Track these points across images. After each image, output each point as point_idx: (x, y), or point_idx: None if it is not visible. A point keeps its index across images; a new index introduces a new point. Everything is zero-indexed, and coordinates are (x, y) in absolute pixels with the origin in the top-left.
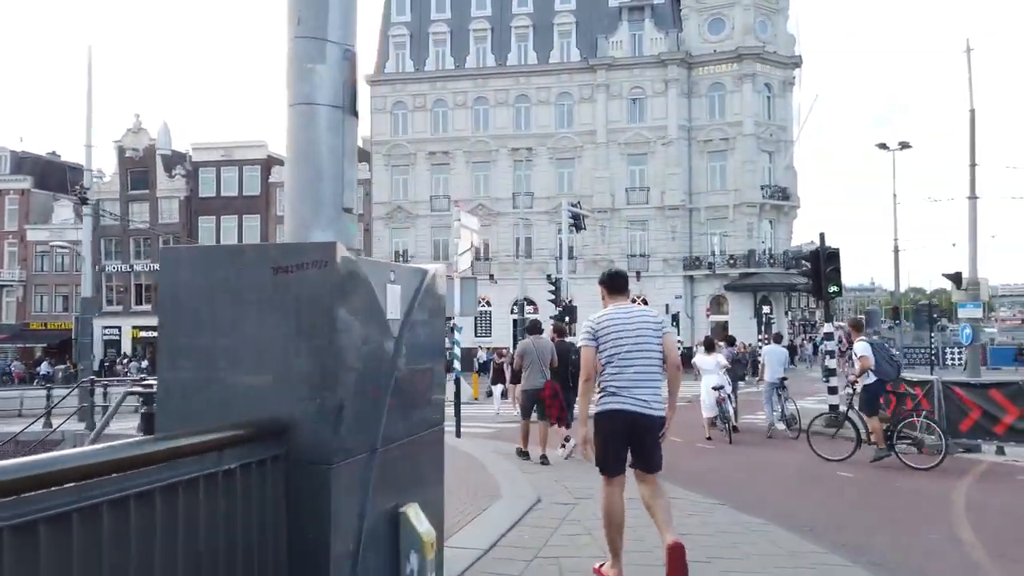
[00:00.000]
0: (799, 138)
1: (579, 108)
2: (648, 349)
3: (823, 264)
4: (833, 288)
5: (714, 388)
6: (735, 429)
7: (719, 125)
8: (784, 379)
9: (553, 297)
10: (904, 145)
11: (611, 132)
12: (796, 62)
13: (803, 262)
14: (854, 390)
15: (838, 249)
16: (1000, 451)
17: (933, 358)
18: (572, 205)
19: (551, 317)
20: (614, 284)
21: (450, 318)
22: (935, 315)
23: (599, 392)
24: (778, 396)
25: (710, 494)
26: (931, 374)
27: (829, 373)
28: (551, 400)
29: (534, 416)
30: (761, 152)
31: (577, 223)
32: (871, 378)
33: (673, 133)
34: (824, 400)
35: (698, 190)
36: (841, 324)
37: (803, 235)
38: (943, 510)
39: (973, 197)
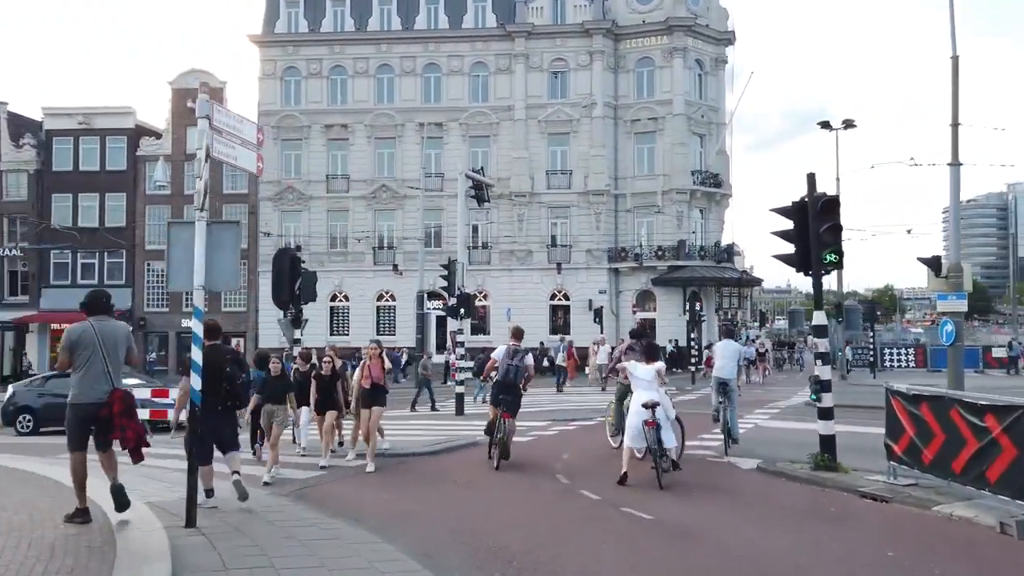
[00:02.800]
0: (732, 120)
1: (495, 80)
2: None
3: (815, 219)
4: (831, 256)
5: (645, 406)
6: (675, 466)
7: (647, 103)
8: (725, 382)
9: (446, 284)
10: (848, 124)
11: (530, 108)
12: (729, 38)
13: (784, 217)
14: None
15: (836, 197)
16: None
17: (872, 359)
18: (474, 170)
19: (445, 308)
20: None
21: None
22: (877, 313)
23: None
24: (720, 399)
25: None
26: (873, 377)
27: (821, 388)
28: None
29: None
30: (692, 135)
31: (480, 194)
32: None
33: (598, 111)
34: (782, 417)
35: (624, 174)
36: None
37: (735, 227)
38: None
39: (956, 163)
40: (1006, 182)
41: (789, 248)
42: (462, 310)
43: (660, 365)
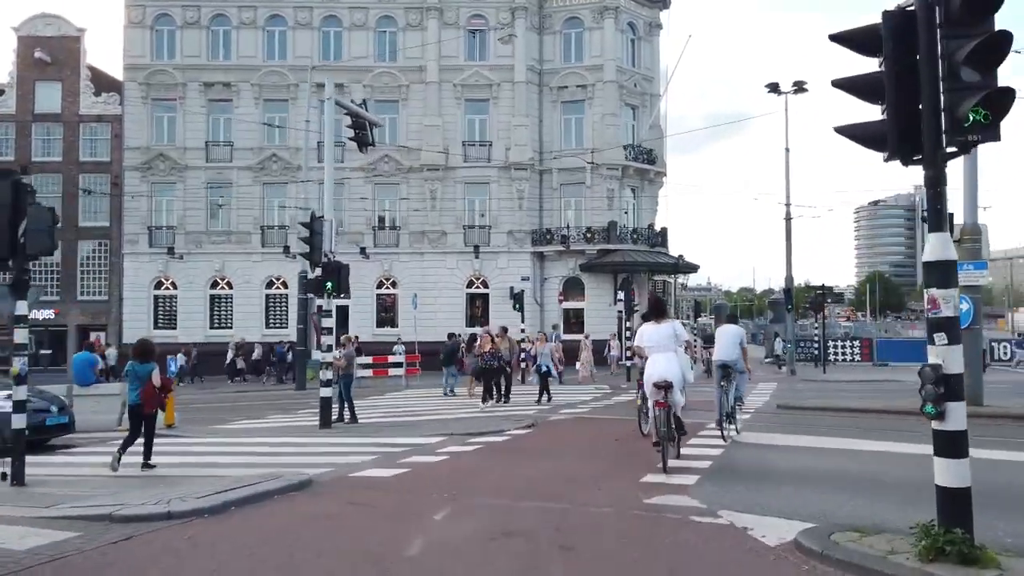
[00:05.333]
0: (667, 91)
1: (405, 37)
2: None
3: (949, 27)
4: (978, 112)
5: (657, 386)
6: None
7: (575, 69)
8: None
9: (308, 249)
10: (799, 87)
11: (445, 71)
12: (664, 1)
13: (857, 50)
14: None
15: None
16: None
17: (816, 353)
18: (353, 102)
19: (304, 281)
20: None
21: None
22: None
23: None
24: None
25: None
26: (823, 372)
27: (945, 392)
28: None
29: None
30: (624, 105)
31: (361, 136)
32: None
33: (520, 75)
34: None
35: (550, 148)
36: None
37: (670, 210)
38: None
39: None
40: (914, 184)
41: (869, 113)
42: (329, 284)
43: (675, 324)
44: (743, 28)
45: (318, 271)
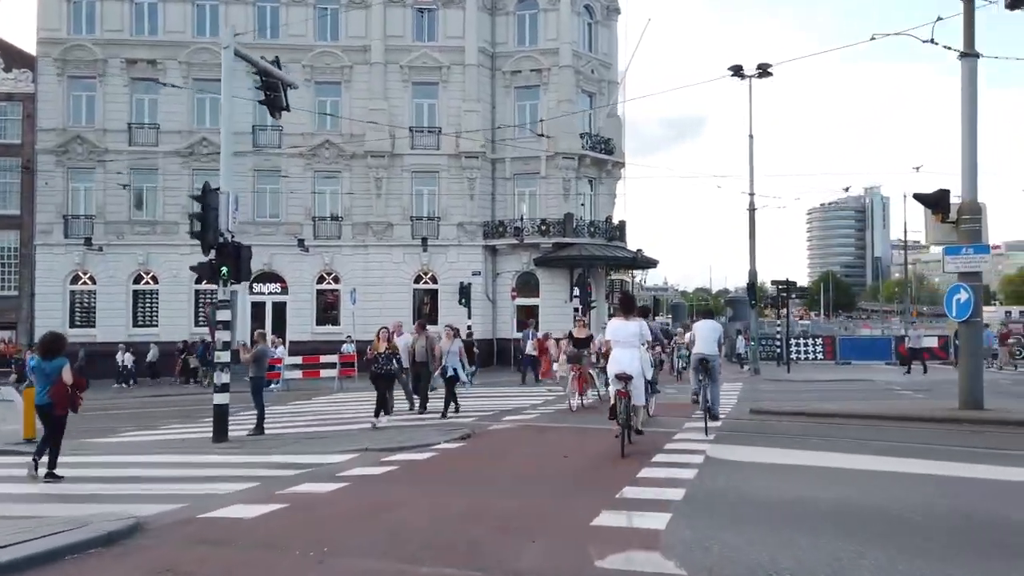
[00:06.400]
0: (625, 78)
1: (347, 15)
2: None
3: None
4: None
5: (618, 377)
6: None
7: (530, 53)
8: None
9: (200, 227)
10: (763, 71)
11: (391, 51)
12: None
13: None
14: None
15: None
16: None
17: (779, 351)
18: (264, 59)
19: (191, 267)
20: None
21: None
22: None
23: None
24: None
25: None
26: (787, 372)
27: None
28: None
29: None
30: (581, 92)
31: (274, 99)
32: None
33: (472, 57)
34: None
35: (503, 135)
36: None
37: (628, 205)
38: None
39: (970, 54)
40: (864, 186)
41: None
42: (225, 269)
43: (642, 323)
44: (705, 13)
45: (211, 254)
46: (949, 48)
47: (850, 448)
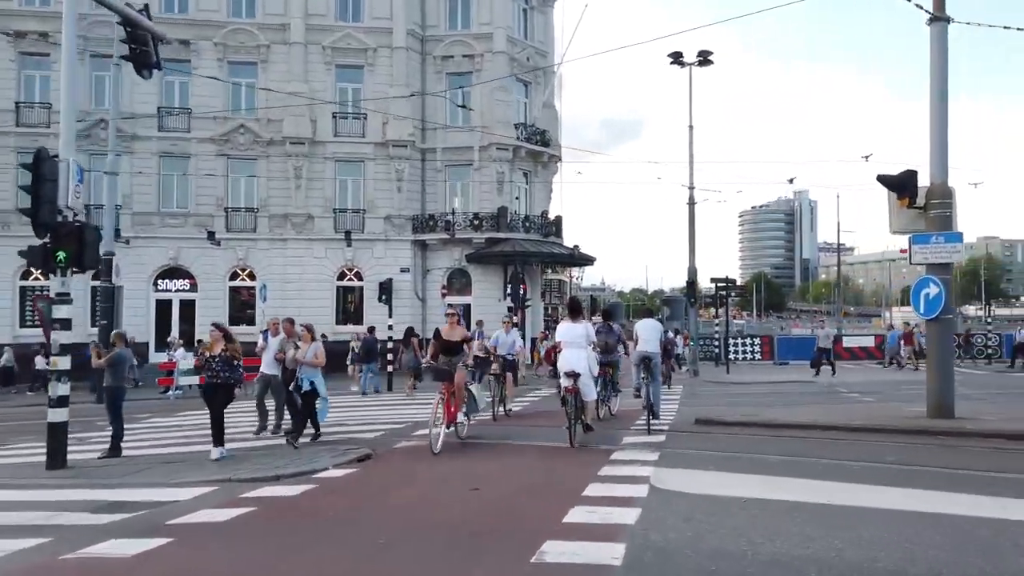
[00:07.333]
0: (561, 67)
1: None
2: None
3: None
4: None
5: (567, 375)
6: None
7: (462, 37)
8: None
9: (32, 202)
10: (704, 58)
11: (312, 30)
12: None
13: None
14: None
15: None
16: None
17: (717, 351)
18: (130, 5)
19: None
20: None
21: None
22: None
23: None
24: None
25: None
26: (727, 372)
27: None
28: None
29: None
30: (516, 80)
31: (141, 55)
32: None
33: (400, 39)
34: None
35: (433, 123)
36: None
37: (564, 200)
38: None
39: (941, 18)
40: (794, 190)
41: None
42: (62, 254)
43: (587, 325)
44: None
45: (47, 236)
46: (920, 7)
47: (818, 472)
